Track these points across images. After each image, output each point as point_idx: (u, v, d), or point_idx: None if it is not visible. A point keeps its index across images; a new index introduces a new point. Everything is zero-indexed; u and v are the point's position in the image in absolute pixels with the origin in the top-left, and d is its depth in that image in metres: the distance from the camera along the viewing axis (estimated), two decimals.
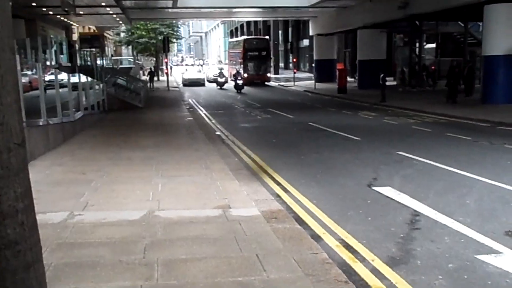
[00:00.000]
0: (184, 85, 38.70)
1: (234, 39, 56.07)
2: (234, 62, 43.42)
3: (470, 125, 14.43)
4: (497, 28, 18.48)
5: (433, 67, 30.11)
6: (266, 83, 38.74)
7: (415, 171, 8.56)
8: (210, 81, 39.93)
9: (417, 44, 30.54)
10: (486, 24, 19.39)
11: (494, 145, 11.01)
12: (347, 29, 34.05)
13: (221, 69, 40.11)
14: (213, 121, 16.84)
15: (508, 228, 5.51)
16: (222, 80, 35.67)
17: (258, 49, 39.29)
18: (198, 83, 39.02)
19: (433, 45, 32.29)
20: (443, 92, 21.47)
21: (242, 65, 38.13)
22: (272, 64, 44.35)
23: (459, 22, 30.33)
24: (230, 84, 35.31)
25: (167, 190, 6.86)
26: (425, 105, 19.23)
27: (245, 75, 33.99)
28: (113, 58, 47.91)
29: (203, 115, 18.93)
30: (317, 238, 5.20)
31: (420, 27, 29.50)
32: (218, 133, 13.95)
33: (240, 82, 31.28)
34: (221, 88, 34.49)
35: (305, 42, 48.44)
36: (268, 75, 39.80)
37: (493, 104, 17.89)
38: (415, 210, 6.20)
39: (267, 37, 45.32)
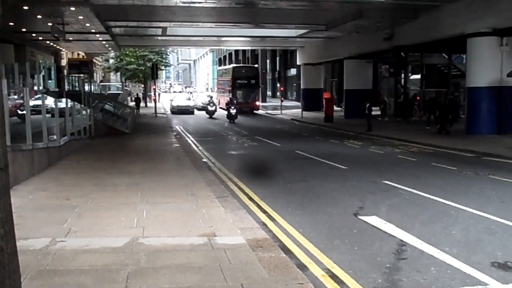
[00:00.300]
0: (173, 112, 37.36)
1: (223, 67, 55.60)
2: (222, 90, 42.81)
3: (455, 155, 14.60)
4: (480, 60, 18.96)
5: (418, 98, 30.62)
6: (255, 111, 38.14)
7: (402, 200, 8.59)
8: (198, 109, 38.86)
9: (403, 75, 31.08)
10: (469, 57, 19.88)
11: (479, 175, 11.12)
12: (334, 59, 34.64)
13: (210, 97, 38.64)
14: (200, 148, 16.81)
15: (494, 259, 5.52)
16: (213, 108, 34.02)
17: (247, 77, 38.87)
18: (187, 110, 37.42)
19: (418, 76, 32.89)
20: (426, 122, 21.86)
21: (231, 93, 37.18)
22: (260, 93, 43.95)
23: (443, 54, 31.06)
24: (220, 112, 34.79)
25: (152, 217, 6.77)
26: (410, 135, 19.47)
27: (234, 101, 31.93)
28: (101, 84, 47.99)
29: (190, 142, 18.90)
30: (303, 267, 5.15)
31: (405, 58, 30.06)
32: (204, 160, 13.91)
33: (233, 111, 29.33)
34: (210, 117, 32.99)
35: (293, 71, 49.09)
36: (257, 103, 39.36)
37: (477, 135, 18.17)
38: (401, 240, 6.18)
39: (256, 65, 45.16)
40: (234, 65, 48.19)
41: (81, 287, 4.30)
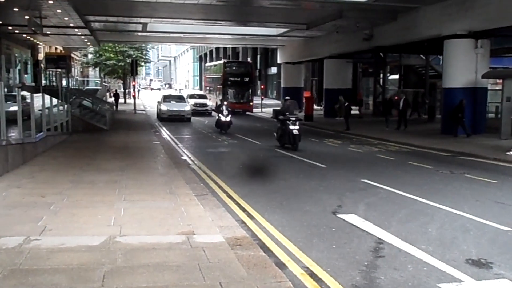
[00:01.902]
0: (162, 119, 27.31)
1: (212, 62, 49.96)
2: (211, 89, 39.07)
3: (431, 155, 14.84)
4: (456, 62, 19.30)
5: (396, 98, 30.99)
6: (248, 112, 34.04)
7: (379, 199, 8.68)
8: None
9: (381, 75, 31.46)
10: (446, 58, 20.22)
11: (455, 174, 11.32)
12: (314, 58, 34.83)
13: (221, 100, 25.67)
14: (180, 145, 16.70)
15: (469, 256, 5.62)
16: (227, 119, 21.27)
17: (240, 74, 34.57)
18: (182, 117, 27.07)
19: (397, 76, 33.34)
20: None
21: (220, 92, 33.79)
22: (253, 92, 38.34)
23: (421, 55, 31.53)
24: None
25: (129, 215, 6.69)
26: (388, 134, 19.71)
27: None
28: (79, 79, 47.25)
29: (170, 139, 18.75)
30: (281, 265, 5.15)
31: (384, 59, 30.47)
32: (184, 157, 13.82)
33: (226, 118, 20.80)
34: (222, 131, 21.28)
35: (273, 69, 49.18)
36: (251, 103, 34.99)
37: (453, 134, 18.49)
38: (379, 238, 6.25)
39: (249, 60, 41.21)
40: (225, 60, 43.18)
41: (55, 287, 4.21)
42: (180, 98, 31.03)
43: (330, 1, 20.05)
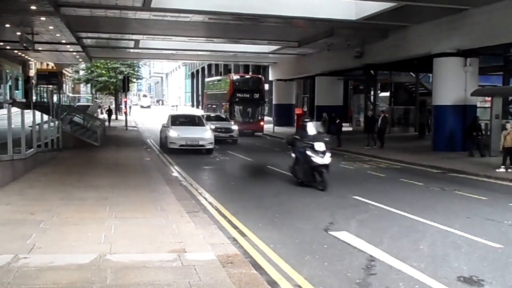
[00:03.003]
0: (171, 150, 18.82)
1: (216, 77, 45.59)
2: (213, 106, 34.90)
3: (422, 171, 14.92)
4: (446, 79, 19.56)
5: (386, 115, 31.26)
6: (257, 133, 30.34)
7: (371, 215, 8.69)
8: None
9: (372, 92, 31.77)
10: (435, 76, 20.48)
11: (445, 190, 11.38)
12: (306, 75, 35.12)
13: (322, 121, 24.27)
14: (171, 162, 16.64)
15: (460, 273, 5.63)
16: (327, 161, 11.39)
17: (250, 90, 30.79)
18: (201, 148, 19.23)
19: (387, 94, 33.67)
20: (395, 138, 22.42)
21: (227, 111, 30.15)
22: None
23: (411, 73, 31.94)
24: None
25: (120, 233, 6.63)
26: (379, 151, 19.82)
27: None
28: (70, 95, 47.16)
29: (161, 155, 18.69)
30: (273, 284, 5.12)
31: (375, 76, 30.81)
32: (175, 174, 13.77)
33: (322, 159, 11.24)
34: (301, 183, 12.24)
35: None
36: (262, 123, 30.89)
37: (443, 151, 18.63)
38: (370, 255, 6.24)
39: (260, 76, 34.49)
40: (233, 74, 38.95)
41: None
42: (194, 120, 21.69)
43: (321, 19, 20.31)
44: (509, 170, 13.88)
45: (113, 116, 40.90)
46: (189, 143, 18.85)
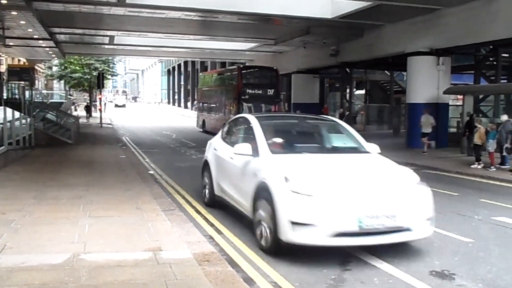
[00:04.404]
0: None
1: (216, 70, 39.50)
2: (213, 106, 29.21)
3: None
4: (419, 78, 19.94)
5: (362, 112, 31.72)
6: None
7: None
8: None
9: (348, 90, 32.13)
10: (409, 74, 20.86)
11: None
12: (282, 73, 35.19)
13: None
14: (147, 159, 16.49)
15: (433, 268, 5.75)
16: None
17: (263, 85, 25.25)
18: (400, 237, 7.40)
19: (362, 92, 34.09)
20: (370, 136, 22.66)
21: (234, 110, 24.20)
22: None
23: (386, 71, 32.40)
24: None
25: (94, 232, 6.54)
26: None
27: None
28: (43, 92, 46.19)
29: (137, 153, 18.50)
30: (249, 281, 5.13)
31: (350, 74, 31.15)
32: (151, 172, 13.64)
33: None
34: None
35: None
36: None
37: (417, 148, 18.98)
38: (347, 252, 6.31)
39: (275, 67, 27.38)
40: (241, 65, 32.15)
41: None
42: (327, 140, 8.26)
43: (298, 18, 20.42)
44: (479, 166, 14.25)
45: (86, 113, 40.39)
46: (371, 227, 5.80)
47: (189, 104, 65.72)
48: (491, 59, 23.07)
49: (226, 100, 26.33)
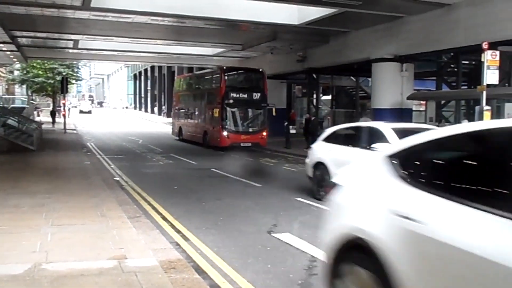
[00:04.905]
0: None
1: (194, 73, 35.85)
2: (191, 112, 27.25)
3: None
4: (383, 84, 20.40)
5: (328, 118, 32.16)
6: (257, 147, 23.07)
7: (313, 217, 8.86)
8: None
9: (314, 96, 32.52)
10: (374, 80, 21.31)
11: None
12: None
13: None
14: (112, 166, 16.20)
15: None
16: None
17: (247, 88, 23.52)
18: None
19: (329, 97, 34.58)
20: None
21: (217, 116, 22.74)
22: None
23: (352, 77, 32.98)
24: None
25: (57, 240, 6.38)
26: None
27: (225, 133, 21.36)
28: (4, 97, 44.82)
29: (102, 159, 18.15)
30: None
31: (317, 80, 31.55)
32: (116, 178, 13.41)
33: None
34: None
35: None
36: (264, 133, 23.38)
37: None
38: (312, 256, 6.37)
39: (261, 69, 25.03)
40: (224, 66, 27.06)
41: None
42: None
43: (265, 23, 20.56)
44: None
45: (51, 119, 39.50)
46: None
47: (156, 109, 65.04)
48: (452, 65, 23.83)
49: (207, 105, 24.42)
